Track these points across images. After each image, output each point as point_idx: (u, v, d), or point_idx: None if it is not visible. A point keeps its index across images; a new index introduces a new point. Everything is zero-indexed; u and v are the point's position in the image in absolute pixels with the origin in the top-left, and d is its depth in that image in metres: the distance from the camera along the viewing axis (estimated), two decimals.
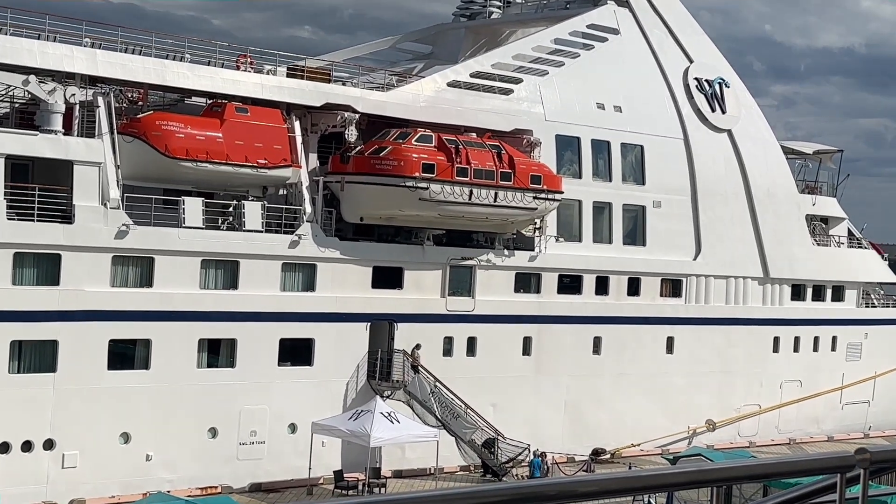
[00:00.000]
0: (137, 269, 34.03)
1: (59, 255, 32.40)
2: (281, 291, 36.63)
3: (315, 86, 38.43)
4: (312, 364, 37.30)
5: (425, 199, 38.05)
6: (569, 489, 4.02)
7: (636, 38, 48.16)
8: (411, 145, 38.59)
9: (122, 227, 33.29)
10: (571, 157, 44.49)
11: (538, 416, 42.42)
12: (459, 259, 40.66)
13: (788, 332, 51.05)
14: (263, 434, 36.13)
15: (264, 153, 36.15)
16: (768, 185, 50.78)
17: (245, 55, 38.00)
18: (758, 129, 51.42)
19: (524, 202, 40.31)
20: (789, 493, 4.67)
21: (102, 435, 33.19)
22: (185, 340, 34.67)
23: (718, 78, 50.05)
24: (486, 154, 39.87)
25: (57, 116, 33.13)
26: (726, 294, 48.89)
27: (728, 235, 49.04)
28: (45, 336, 32.27)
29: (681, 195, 47.66)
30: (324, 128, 38.77)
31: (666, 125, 47.68)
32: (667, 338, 46.76)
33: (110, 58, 34.56)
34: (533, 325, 42.49)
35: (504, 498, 3.90)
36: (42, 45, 33.47)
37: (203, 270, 35.10)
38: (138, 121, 34.61)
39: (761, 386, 50.14)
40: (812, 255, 52.36)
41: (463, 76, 42.18)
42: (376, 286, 38.66)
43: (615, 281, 44.96)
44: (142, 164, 34.15)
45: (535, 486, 3.94)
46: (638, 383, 45.52)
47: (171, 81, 35.74)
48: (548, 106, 43.80)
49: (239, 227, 35.89)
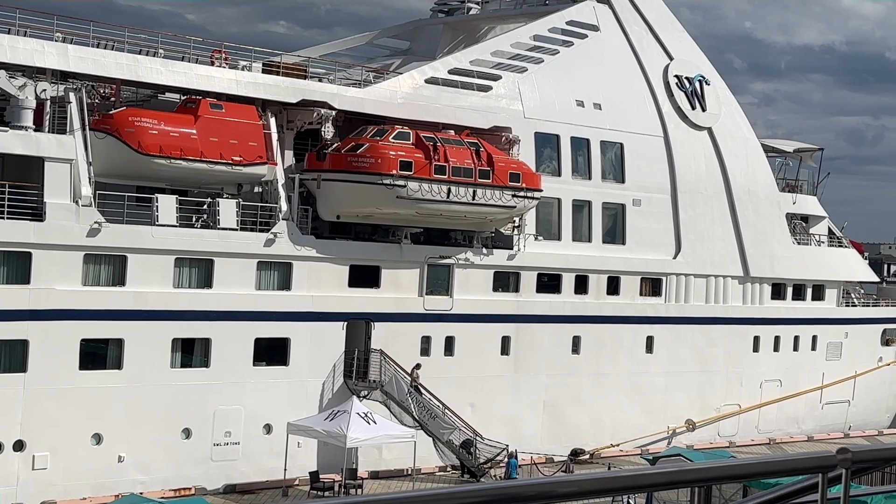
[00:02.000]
0: (110, 268, 33.56)
1: (29, 252, 31.90)
2: (256, 290, 36.23)
3: (291, 82, 38.00)
4: (288, 364, 36.92)
5: (403, 196, 37.69)
6: (548, 490, 3.96)
7: (616, 35, 47.93)
8: (389, 143, 38.22)
9: (95, 224, 32.82)
10: (551, 155, 44.22)
11: (517, 416, 42.16)
12: (437, 258, 40.34)
13: (769, 331, 50.96)
14: (238, 435, 35.72)
15: (239, 150, 35.71)
16: (749, 183, 50.65)
17: (219, 50, 37.53)
18: (738, 127, 51.27)
19: (503, 200, 40.00)
20: (770, 494, 4.53)
21: (74, 436, 32.70)
22: (159, 340, 34.22)
23: (699, 75, 49.86)
24: (464, 152, 39.54)
25: (27, 112, 32.62)
26: (706, 293, 48.76)
27: (708, 234, 48.89)
28: (16, 335, 31.74)
29: (661, 193, 47.48)
30: (300, 125, 38.33)
31: (646, 123, 47.46)
32: (646, 337, 46.61)
33: (82, 53, 34.03)
34: (511, 324, 42.21)
35: (483, 499, 3.84)
36: (12, 39, 32.88)
37: (177, 269, 34.66)
38: (111, 117, 34.09)
39: (741, 385, 50.04)
40: (792, 253, 52.28)
41: (441, 73, 41.83)
42: (353, 285, 38.31)
43: (594, 280, 44.74)
44: (114, 160, 33.67)
45: (515, 486, 3.88)
46: (617, 383, 45.36)
47: (145, 77, 35.27)
48: (527, 103, 43.49)
49: (213, 225, 35.46)
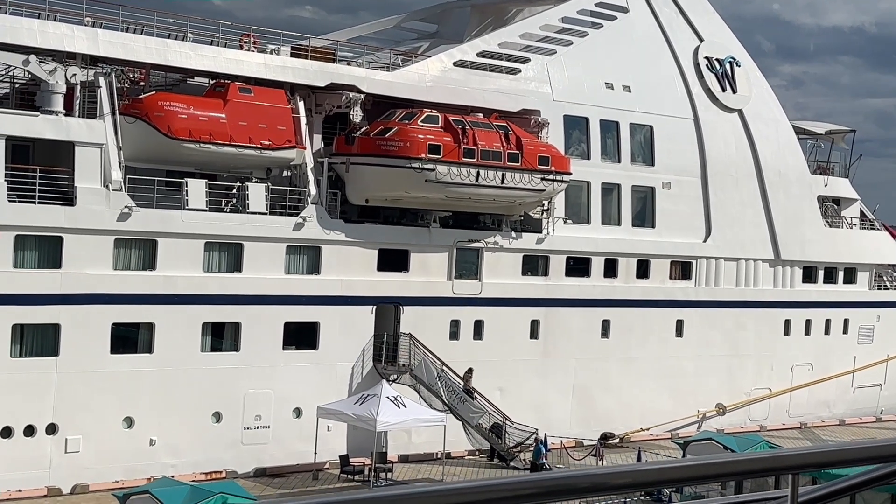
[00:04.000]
0: (140, 252, 33.64)
1: (60, 237, 31.99)
2: (285, 274, 36.23)
3: (320, 66, 37.89)
4: (317, 348, 36.94)
5: (431, 180, 37.56)
6: (603, 481, 3.69)
7: (646, 17, 47.50)
8: (417, 126, 38.07)
9: (125, 209, 32.89)
10: (579, 138, 43.96)
11: (546, 400, 42.03)
12: (466, 241, 40.20)
13: (799, 314, 50.58)
14: (268, 418, 35.78)
15: (268, 134, 35.66)
16: (779, 165, 50.19)
17: (248, 34, 37.45)
18: (769, 109, 50.77)
19: (532, 183, 39.80)
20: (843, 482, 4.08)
21: (105, 419, 32.85)
22: (189, 324, 34.29)
23: (729, 57, 49.38)
24: (493, 135, 39.34)
25: (58, 97, 32.69)
26: (736, 276, 48.41)
27: (738, 217, 48.51)
28: (47, 319, 31.90)
29: (691, 176, 47.12)
30: (328, 108, 38.24)
31: (676, 105, 47.08)
32: (676, 321, 46.33)
33: (111, 37, 34.04)
34: (540, 308, 42.03)
35: (539, 489, 3.64)
36: (42, 24, 32.95)
37: (206, 253, 34.70)
38: (140, 101, 34.13)
39: (772, 369, 49.71)
40: (824, 236, 51.80)
41: (469, 56, 41.60)
42: (382, 269, 38.23)
43: (624, 263, 44.49)
44: (144, 145, 33.71)
45: (568, 477, 3.66)
46: (647, 367, 45.13)
47: (174, 61, 35.22)
48: (556, 86, 43.22)
49: (243, 210, 35.45)
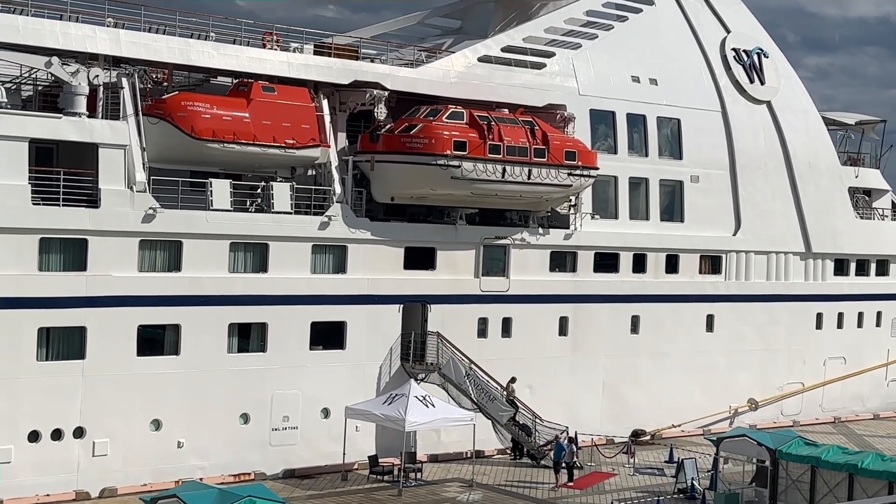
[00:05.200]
0: (165, 253, 33.47)
1: (85, 239, 31.89)
2: (311, 274, 36.01)
3: (343, 63, 37.63)
4: (345, 347, 36.70)
5: (457, 177, 37.23)
6: None
7: (671, 9, 47.04)
8: (442, 122, 37.75)
9: (149, 210, 32.74)
10: (606, 132, 43.56)
11: (575, 397, 41.76)
12: (493, 238, 39.89)
13: (832, 307, 50.17)
14: (296, 419, 35.58)
15: (292, 133, 35.42)
16: (809, 157, 49.66)
17: (271, 33, 37.21)
18: (798, 100, 50.22)
19: (558, 179, 39.43)
20: None
21: (133, 422, 32.74)
22: (215, 325, 34.13)
23: (757, 48, 48.85)
24: (518, 130, 38.98)
25: (81, 98, 32.52)
26: (767, 270, 47.99)
27: (768, 210, 48.05)
28: (73, 322, 31.77)
29: (719, 169, 46.67)
30: (352, 106, 37.99)
31: (703, 97, 46.61)
32: (706, 316, 45.97)
33: (134, 38, 33.85)
34: (569, 304, 41.72)
35: None
36: (64, 25, 32.79)
37: (232, 253, 34.52)
38: (163, 102, 33.94)
39: (804, 364, 49.30)
40: (855, 228, 51.32)
41: (494, 51, 41.25)
42: (408, 267, 37.98)
43: (653, 258, 44.11)
44: (168, 145, 33.55)
45: None
46: (677, 362, 44.84)
47: (196, 61, 34.99)
48: (581, 80, 42.81)
49: (268, 209, 35.26)
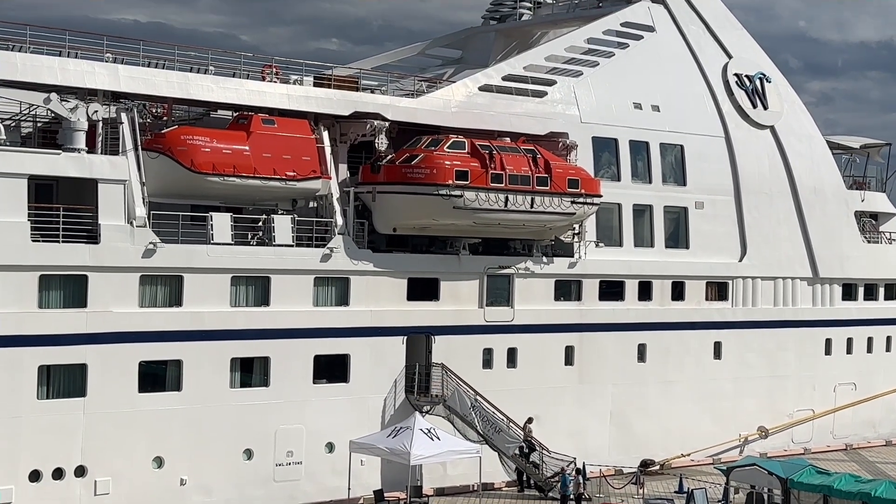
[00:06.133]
0: (166, 288, 33.24)
1: (85, 276, 31.68)
2: (314, 306, 35.75)
3: (343, 94, 37.52)
4: (348, 380, 36.39)
5: (459, 207, 37.04)
6: None
7: (672, 35, 46.96)
8: (444, 152, 37.59)
9: (150, 245, 32.54)
10: (609, 160, 43.37)
11: (583, 427, 41.36)
12: (497, 268, 39.63)
13: (840, 333, 49.79)
14: (300, 454, 35.22)
15: (293, 165, 35.27)
16: (814, 181, 49.43)
17: (270, 66, 37.14)
18: (802, 125, 50.02)
19: (562, 207, 39.20)
20: None
21: (135, 460, 32.40)
22: (217, 360, 33.85)
23: (759, 73, 48.72)
24: (520, 159, 38.79)
25: (80, 134, 32.37)
26: (774, 296, 47.67)
27: (774, 235, 47.76)
28: (74, 360, 31.49)
29: (724, 195, 46.43)
30: (353, 137, 37.84)
31: (706, 123, 46.43)
32: (714, 343, 45.62)
33: (133, 73, 33.79)
34: (575, 333, 41.41)
35: None
36: (63, 62, 32.72)
37: (233, 287, 34.29)
38: (163, 136, 33.82)
39: (814, 390, 48.89)
40: (862, 252, 51.00)
41: (494, 80, 41.16)
42: (412, 298, 37.72)
43: (658, 285, 43.80)
44: (168, 180, 33.39)
45: None
46: (686, 390, 44.46)
47: (196, 95, 34.89)
48: (583, 107, 42.68)
49: (269, 242, 35.05)
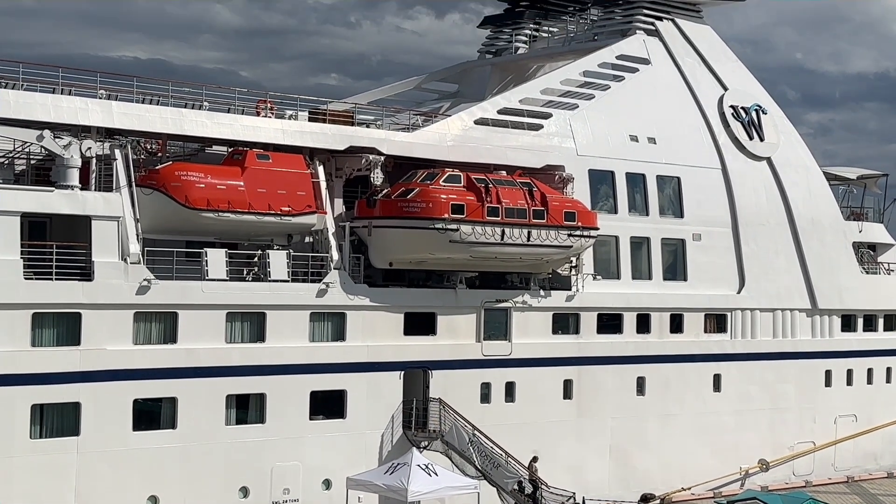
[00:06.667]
0: (160, 325, 33.03)
1: (79, 313, 31.47)
2: (310, 342, 35.54)
3: (338, 129, 37.45)
4: (345, 416, 36.11)
5: (456, 240, 36.88)
6: None
7: (668, 68, 47.06)
8: (439, 186, 37.50)
9: (144, 282, 32.35)
10: (606, 192, 43.29)
11: (582, 461, 41.03)
12: (494, 302, 39.44)
13: (840, 364, 49.55)
14: (297, 491, 34.89)
15: (288, 200, 35.14)
16: (812, 213, 49.34)
17: (265, 101, 37.10)
18: (798, 156, 50.01)
19: (559, 240, 39.07)
20: None
21: (130, 499, 32.05)
22: (213, 397, 33.59)
23: (755, 105, 48.75)
24: (517, 192, 38.69)
25: (73, 171, 32.27)
26: (773, 327, 47.46)
27: (772, 267, 47.61)
28: (67, 398, 31.22)
29: (721, 227, 46.32)
30: (349, 172, 37.76)
31: (703, 155, 46.40)
32: (713, 375, 45.35)
33: (126, 109, 33.73)
34: (573, 367, 41.15)
35: None
36: (56, 99, 32.66)
37: (229, 324, 34.07)
38: (157, 172, 33.70)
39: (815, 422, 48.62)
40: (861, 283, 50.84)
41: (490, 113, 41.15)
42: (409, 333, 37.51)
43: (657, 318, 43.59)
44: (162, 216, 33.25)
45: None
46: (685, 424, 44.17)
47: (190, 130, 34.83)
48: (579, 140, 42.63)
49: (264, 278, 34.88)
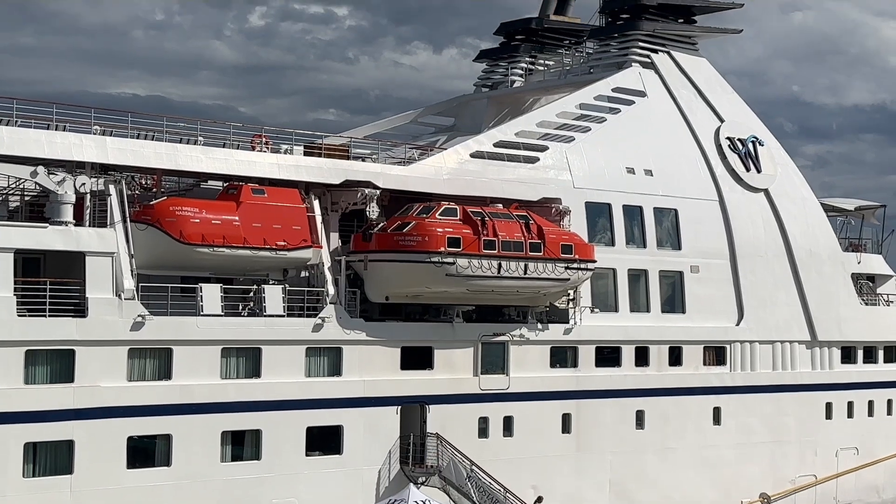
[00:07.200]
0: (155, 362, 32.81)
1: (72, 350, 31.25)
2: (306, 377, 35.31)
3: (333, 163, 37.38)
4: (342, 452, 35.83)
5: (452, 274, 36.71)
6: None
7: (664, 100, 47.07)
8: (435, 219, 37.37)
9: (138, 318, 32.16)
10: (603, 225, 43.16)
11: (582, 496, 40.70)
12: (491, 335, 39.22)
13: (841, 396, 49.31)
14: None
15: (283, 235, 35.00)
16: (810, 244, 49.20)
17: (260, 135, 37.06)
18: (795, 188, 49.94)
19: (555, 273, 38.89)
20: None
21: None
22: (208, 433, 33.31)
23: (752, 136, 48.72)
24: (513, 225, 38.57)
25: (67, 207, 32.16)
26: (773, 360, 47.22)
27: (771, 299, 47.41)
28: (61, 436, 30.96)
29: (719, 259, 46.15)
30: (344, 206, 37.66)
31: (700, 187, 46.31)
32: (713, 408, 45.07)
33: (121, 144, 33.67)
34: (571, 400, 40.87)
35: None
36: (50, 135, 32.61)
37: (224, 359, 33.85)
38: (151, 207, 33.59)
39: (816, 455, 48.29)
40: (860, 315, 50.64)
41: (486, 146, 41.10)
42: (405, 367, 37.27)
43: (655, 351, 43.35)
44: (156, 251, 33.10)
45: None
46: (685, 457, 43.81)
47: (185, 166, 34.76)
48: (576, 173, 42.56)
49: (260, 313, 34.68)
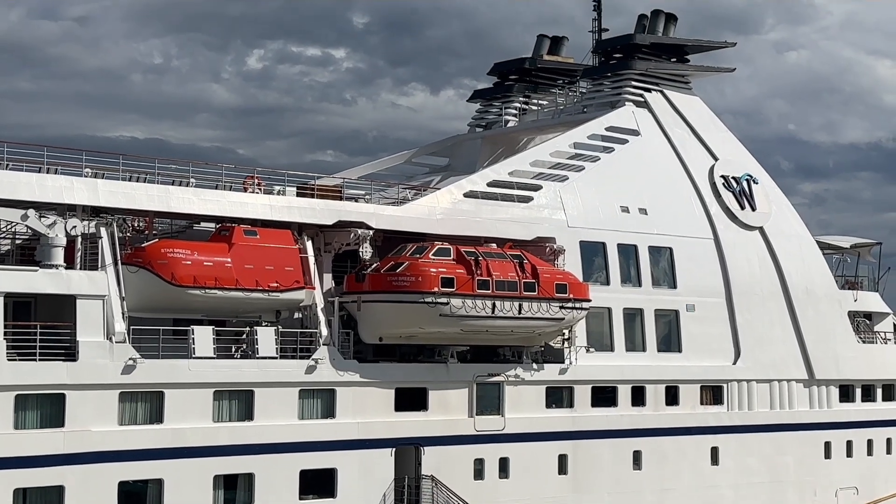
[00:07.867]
0: (147, 405, 32.55)
1: (63, 394, 30.97)
2: (299, 420, 35.04)
3: (326, 204, 37.30)
4: (336, 495, 35.46)
5: (446, 314, 36.51)
6: None
7: (658, 139, 47.10)
8: (429, 259, 37.22)
9: (129, 361, 31.94)
10: (598, 264, 43.02)
11: None
12: (486, 376, 38.95)
13: (840, 435, 48.95)
14: None
15: (276, 276, 34.85)
16: (806, 282, 49.05)
17: (252, 176, 37.00)
18: (790, 225, 49.86)
19: (550, 313, 38.69)
20: None
21: None
22: (200, 478, 32.96)
23: (746, 174, 48.71)
24: (507, 265, 38.42)
25: (58, 250, 32.02)
26: (770, 399, 46.97)
27: (768, 337, 47.19)
28: (51, 482, 30.61)
29: (715, 297, 45.99)
30: (337, 246, 37.53)
31: (694, 225, 46.22)
32: (711, 448, 44.74)
33: (112, 187, 33.58)
34: (568, 441, 40.55)
35: None
36: (41, 178, 32.53)
37: (216, 402, 33.61)
38: (143, 249, 33.45)
39: (815, 495, 47.93)
40: (858, 353, 50.42)
41: (480, 186, 41.05)
42: (400, 409, 36.99)
43: (652, 390, 43.09)
44: (148, 294, 32.92)
45: None
46: (683, 498, 43.44)
47: (177, 207, 34.67)
48: (570, 212, 42.47)
49: (252, 355, 34.45)
